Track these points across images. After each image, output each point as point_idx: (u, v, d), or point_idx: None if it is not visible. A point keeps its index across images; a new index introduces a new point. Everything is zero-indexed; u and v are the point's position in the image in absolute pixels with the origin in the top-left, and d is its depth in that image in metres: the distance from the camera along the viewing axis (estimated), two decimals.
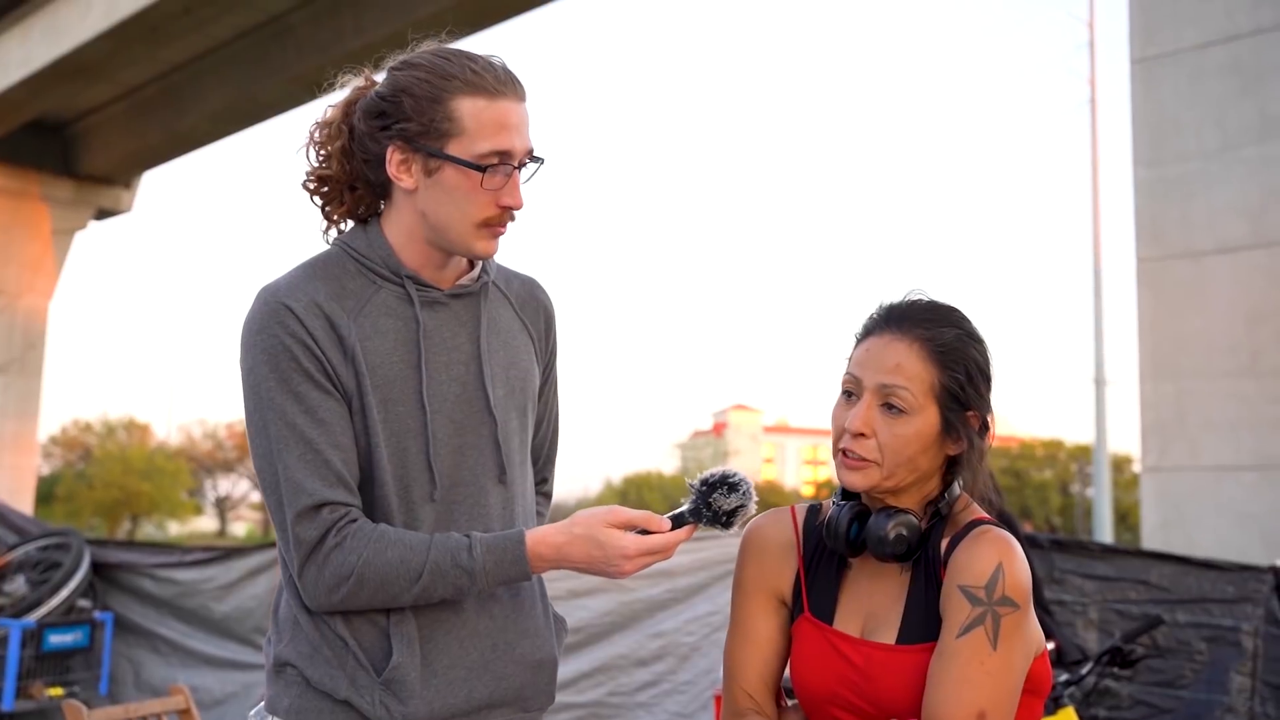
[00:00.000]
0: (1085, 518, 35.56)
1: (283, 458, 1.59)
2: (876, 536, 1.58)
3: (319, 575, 1.58)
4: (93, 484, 39.61)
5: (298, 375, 1.59)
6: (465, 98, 1.63)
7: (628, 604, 5.40)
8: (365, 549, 1.57)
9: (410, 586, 1.58)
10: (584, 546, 1.60)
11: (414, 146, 1.64)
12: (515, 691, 1.71)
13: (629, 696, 5.26)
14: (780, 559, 1.70)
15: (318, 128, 1.75)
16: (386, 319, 1.66)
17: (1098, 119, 18.62)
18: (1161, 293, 8.49)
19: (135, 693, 5.90)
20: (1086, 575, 4.52)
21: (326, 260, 1.71)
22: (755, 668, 1.68)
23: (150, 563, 6.31)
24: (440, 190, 1.65)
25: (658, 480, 52.88)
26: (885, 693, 1.55)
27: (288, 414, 1.59)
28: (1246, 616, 4.32)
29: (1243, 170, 8.19)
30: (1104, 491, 17.62)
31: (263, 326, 1.62)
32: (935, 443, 1.59)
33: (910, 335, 1.60)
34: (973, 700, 1.48)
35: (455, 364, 1.70)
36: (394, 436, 1.64)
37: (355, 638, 1.62)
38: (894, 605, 1.61)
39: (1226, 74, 8.31)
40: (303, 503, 1.57)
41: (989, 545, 1.54)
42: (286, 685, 1.66)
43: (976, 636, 1.50)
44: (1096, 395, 17.43)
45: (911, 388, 1.58)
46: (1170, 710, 4.33)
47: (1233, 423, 8.04)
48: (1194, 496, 8.11)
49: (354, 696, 1.61)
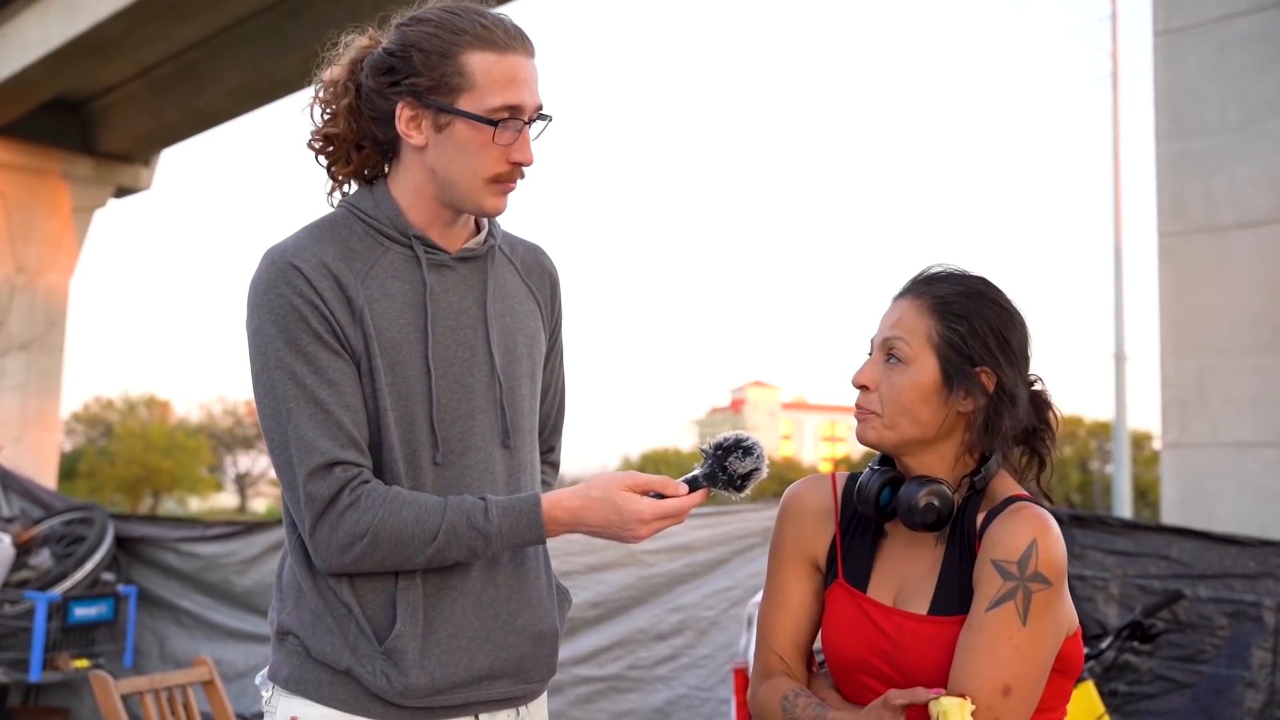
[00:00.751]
0: (1105, 495, 35.45)
1: (293, 417, 1.57)
2: (907, 504, 1.59)
3: (332, 534, 1.56)
4: (114, 460, 39.89)
5: (306, 336, 1.58)
6: (475, 52, 1.62)
7: (646, 578, 5.42)
8: (380, 509, 1.56)
9: (424, 548, 1.56)
10: (600, 510, 1.59)
11: (424, 102, 1.63)
12: (515, 662, 1.69)
13: (648, 670, 5.29)
14: (817, 525, 1.71)
15: (323, 86, 1.72)
16: (393, 281, 1.65)
17: (1119, 93, 18.43)
18: (1183, 268, 8.42)
19: (160, 665, 5.96)
20: (1107, 550, 4.51)
21: (333, 221, 1.69)
22: (788, 631, 1.70)
23: (173, 537, 6.36)
24: (450, 146, 1.63)
25: (675, 457, 52.96)
26: (915, 663, 1.56)
27: (297, 374, 1.57)
28: (1268, 592, 4.30)
29: (1266, 144, 8.10)
30: (1123, 468, 17.56)
31: (270, 286, 1.60)
32: (935, 394, 1.60)
33: (913, 294, 1.66)
34: (998, 674, 1.48)
35: (462, 328, 1.68)
36: (401, 400, 1.63)
37: (360, 605, 1.61)
38: (927, 576, 1.61)
39: (1251, 46, 8.21)
40: (315, 460, 1.55)
41: (1024, 521, 1.55)
42: (287, 655, 1.66)
43: (1006, 611, 1.50)
44: (1116, 371, 17.35)
45: (908, 337, 1.62)
46: (1190, 685, 4.33)
47: (1254, 398, 7.98)
48: (1214, 472, 8.07)
49: (355, 666, 1.60)
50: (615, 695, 5.29)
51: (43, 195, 20.04)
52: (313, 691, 1.63)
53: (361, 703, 1.61)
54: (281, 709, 1.66)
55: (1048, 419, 1.69)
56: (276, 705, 1.67)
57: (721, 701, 5.03)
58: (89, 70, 17.55)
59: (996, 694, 1.47)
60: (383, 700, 1.61)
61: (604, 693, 5.29)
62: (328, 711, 1.62)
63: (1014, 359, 1.62)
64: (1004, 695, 1.48)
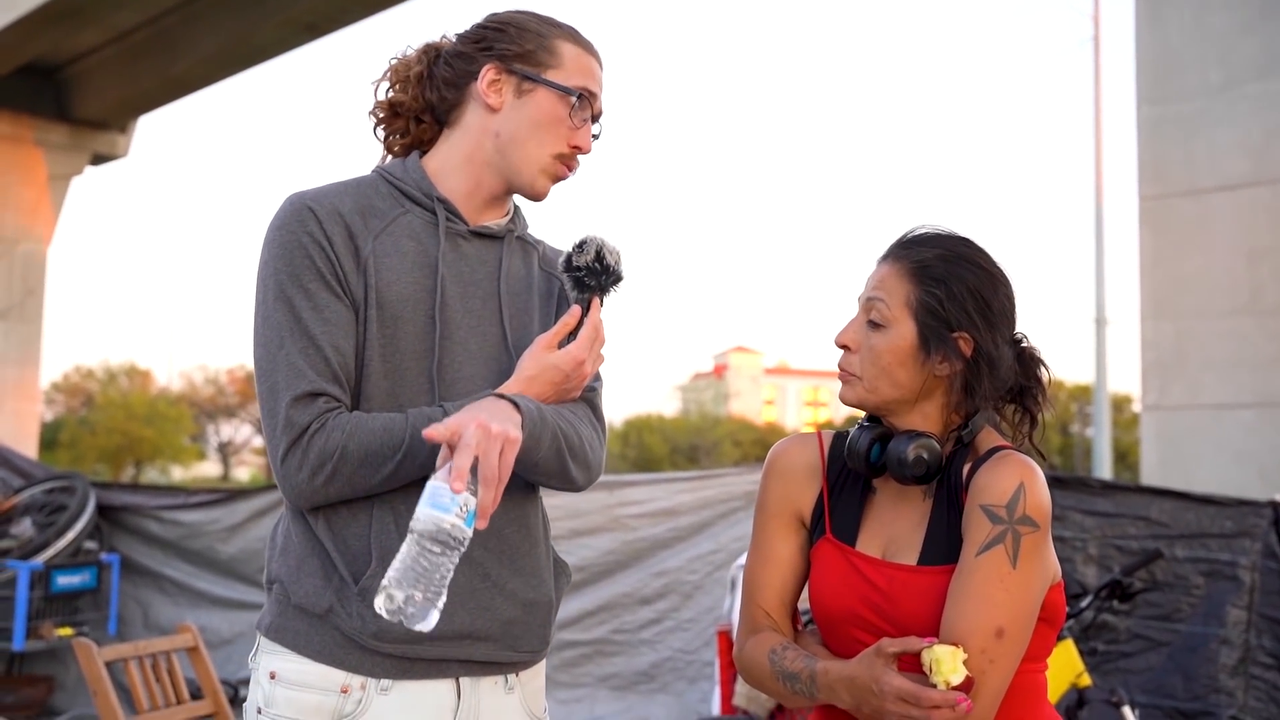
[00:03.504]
0: (1085, 457, 35.72)
1: (285, 346, 1.61)
2: (896, 458, 1.61)
3: (303, 459, 1.58)
4: (95, 430, 39.75)
5: (309, 273, 1.63)
6: (566, 41, 1.77)
7: (630, 543, 5.45)
8: (348, 424, 1.60)
9: (393, 455, 1.58)
10: (545, 377, 1.66)
11: (510, 68, 1.73)
12: (502, 626, 1.68)
13: (633, 634, 5.33)
14: (804, 481, 1.73)
15: (394, 63, 1.81)
16: (408, 241, 1.70)
17: (1100, 57, 18.41)
18: (1163, 231, 8.45)
19: (144, 632, 5.97)
20: (1087, 511, 4.55)
21: (361, 180, 1.76)
22: (774, 587, 1.71)
23: (155, 505, 6.35)
24: (526, 113, 1.73)
25: (658, 422, 53.06)
26: (906, 614, 1.57)
27: (295, 307, 1.62)
28: (1244, 551, 4.35)
29: (1246, 107, 8.12)
30: (1104, 431, 17.68)
31: (283, 224, 1.66)
32: (912, 357, 1.62)
33: (893, 257, 1.68)
34: (991, 617, 1.50)
35: (472, 297, 1.72)
36: (395, 354, 1.66)
37: (339, 549, 1.63)
38: (916, 528, 1.63)
39: (1231, 9, 8.20)
40: (302, 387, 1.59)
41: (1011, 467, 1.57)
42: (272, 603, 1.69)
43: (997, 554, 1.52)
44: (1097, 335, 17.41)
45: (888, 300, 1.64)
46: (1167, 643, 4.38)
47: (1232, 361, 8.04)
48: (1193, 435, 8.14)
49: (335, 604, 1.61)
50: (600, 659, 5.33)
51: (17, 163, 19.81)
52: (289, 639, 1.64)
53: (336, 653, 1.62)
54: (263, 664, 1.68)
55: (1037, 375, 1.71)
56: (259, 661, 1.69)
57: (706, 664, 5.07)
58: (62, 36, 17.31)
59: (990, 636, 1.49)
60: (360, 647, 1.61)
61: (589, 656, 5.32)
62: (304, 663, 1.63)
63: (994, 321, 1.63)
64: (997, 637, 1.49)
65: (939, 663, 1.46)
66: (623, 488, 5.60)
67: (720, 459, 44.76)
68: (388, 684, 1.62)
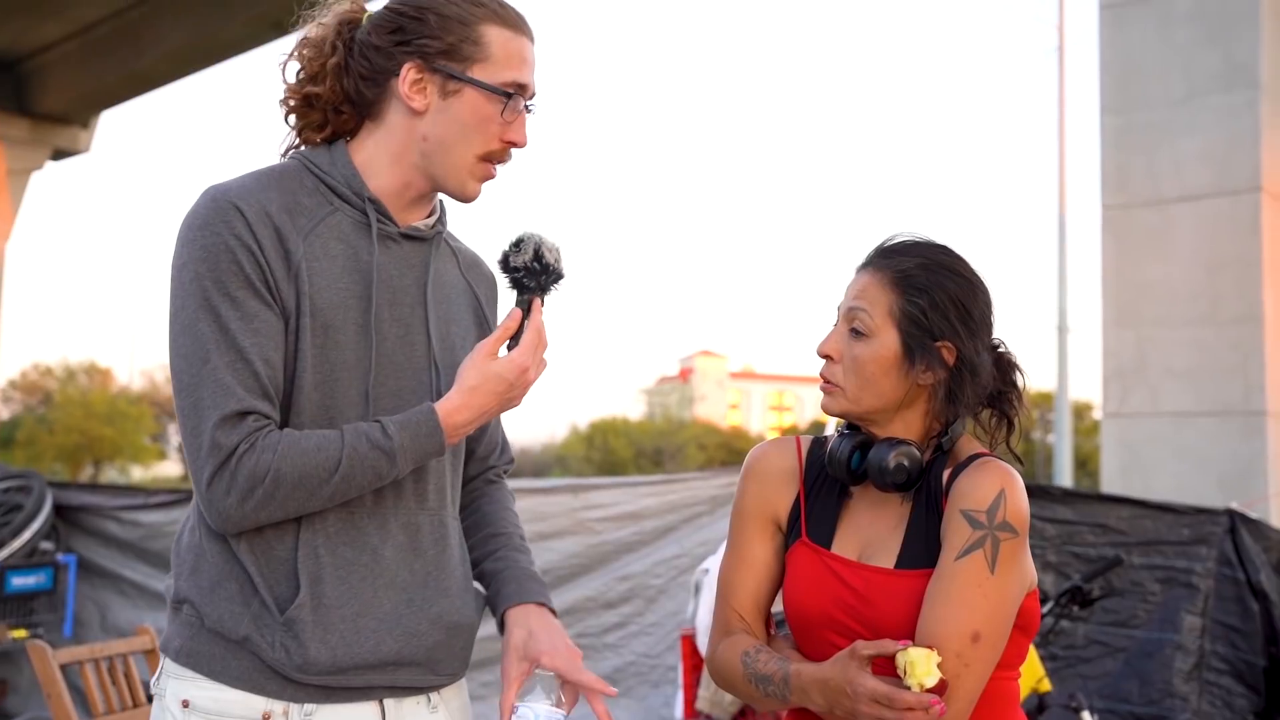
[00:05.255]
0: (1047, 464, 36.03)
1: (211, 360, 1.49)
2: (878, 466, 1.61)
3: (231, 483, 1.48)
4: (54, 429, 39.21)
5: (237, 280, 1.50)
6: (493, 25, 1.61)
7: (595, 546, 5.44)
8: (279, 445, 1.49)
9: (329, 477, 1.50)
10: (489, 386, 1.57)
11: (433, 66, 1.59)
12: (426, 652, 1.62)
13: (596, 638, 5.32)
14: (781, 485, 1.73)
15: (305, 45, 1.66)
16: (337, 243, 1.59)
17: (1065, 66, 18.59)
18: (1125, 240, 8.54)
19: (101, 635, 5.89)
20: (1047, 519, 4.59)
21: (284, 171, 1.62)
22: (749, 590, 1.71)
23: (114, 505, 6.27)
24: (453, 115, 1.60)
25: (624, 426, 53.03)
26: (882, 616, 1.57)
27: (221, 317, 1.49)
28: (1200, 558, 4.41)
29: (1207, 118, 8.23)
30: (1065, 438, 17.82)
31: (206, 223, 1.52)
32: (896, 367, 1.62)
33: (875, 266, 1.68)
34: (968, 621, 1.50)
35: (400, 304, 1.63)
36: (326, 365, 1.56)
37: (262, 573, 1.54)
38: (894, 532, 1.63)
39: (1193, 21, 8.31)
40: (230, 406, 1.48)
41: (992, 473, 1.58)
42: (181, 625, 1.58)
43: (975, 559, 1.52)
44: (1059, 342, 17.57)
45: (870, 310, 1.64)
46: (1123, 649, 4.43)
47: (1192, 369, 8.14)
48: (1153, 442, 8.23)
49: (254, 634, 1.52)
50: None
51: None
52: (204, 665, 1.55)
53: (256, 679, 1.54)
54: (172, 690, 1.58)
55: (1014, 380, 1.72)
56: (165, 687, 1.59)
57: (669, 668, 5.07)
58: (23, 29, 17.09)
59: (966, 640, 1.49)
60: (280, 676, 1.54)
61: None
62: (219, 689, 1.54)
63: (975, 329, 1.64)
64: (973, 642, 1.49)
65: (913, 665, 1.45)
66: (587, 491, 5.60)
67: (685, 462, 44.79)
68: (311, 708, 1.55)
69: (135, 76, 18.61)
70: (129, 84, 19.13)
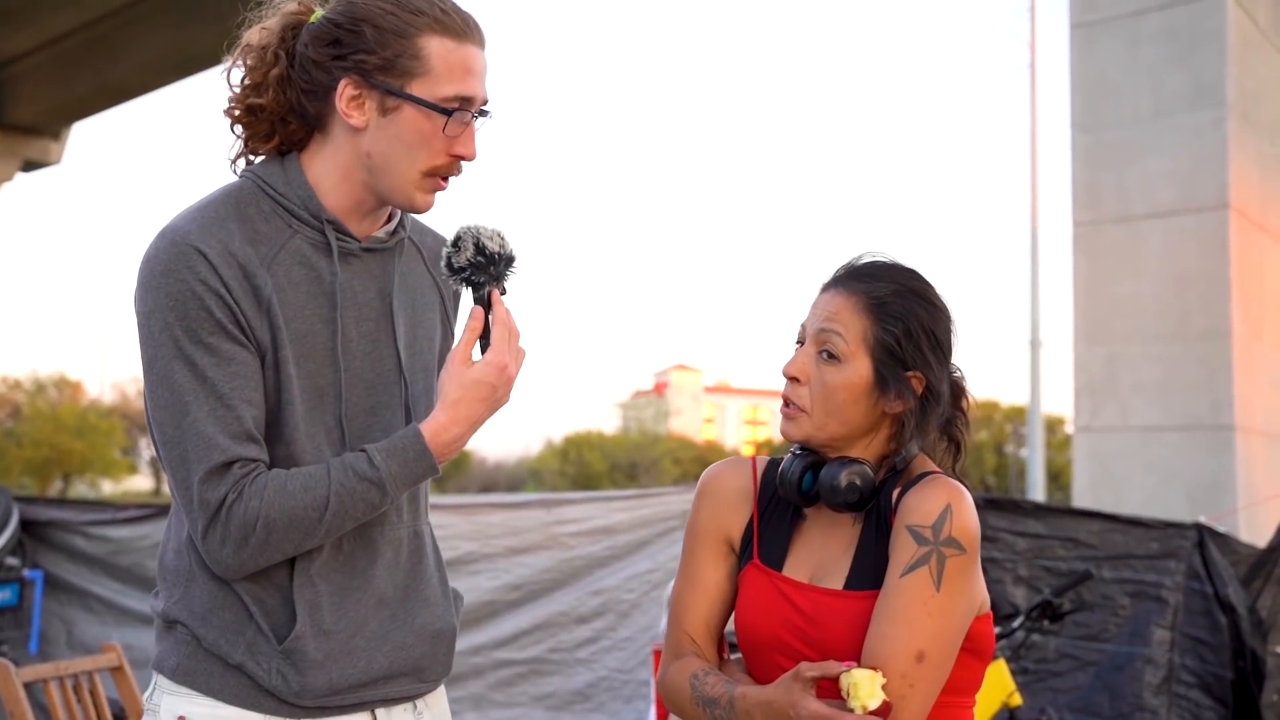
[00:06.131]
0: (1019, 478, 36.25)
1: (190, 411, 1.47)
2: (829, 485, 1.58)
3: (225, 534, 1.47)
4: (22, 442, 38.80)
5: (208, 325, 1.47)
6: (434, 36, 1.53)
7: (568, 561, 5.43)
8: (265, 490, 1.47)
9: (321, 516, 1.49)
10: (473, 397, 1.53)
11: (371, 82, 1.53)
12: (414, 662, 1.64)
13: (569, 653, 5.30)
14: (734, 506, 1.70)
15: (247, 51, 1.60)
16: (299, 268, 1.56)
17: (1037, 84, 18.78)
18: (1096, 257, 8.63)
19: (67, 652, 5.81)
20: (1019, 533, 4.62)
21: (238, 196, 1.57)
22: (700, 612, 1.69)
23: (82, 520, 6.21)
24: (394, 132, 1.54)
25: (599, 439, 52.98)
26: (830, 639, 1.56)
27: (197, 365, 1.47)
28: (1169, 572, 4.44)
29: (1175, 137, 8.33)
30: (1037, 452, 17.94)
31: (169, 269, 1.48)
32: (866, 395, 1.60)
33: (850, 289, 1.63)
34: (912, 640, 1.48)
35: (365, 320, 1.61)
36: (312, 392, 1.55)
37: (259, 602, 1.54)
38: (844, 553, 1.61)
39: (1161, 41, 8.42)
40: (214, 459, 1.46)
41: (939, 489, 1.55)
42: (176, 643, 1.57)
43: (920, 576, 1.50)
44: (1032, 357, 17.70)
45: (845, 335, 1.60)
46: (1094, 662, 4.46)
47: (1161, 384, 8.22)
48: (1123, 456, 8.30)
49: (249, 662, 1.53)
50: (536, 678, 5.29)
51: None
52: (202, 683, 1.55)
53: (254, 698, 1.54)
54: (167, 706, 1.57)
55: (962, 405, 1.71)
56: (160, 703, 1.58)
57: (642, 683, 5.06)
58: None
59: (910, 659, 1.47)
60: (276, 698, 1.54)
61: (525, 675, 5.29)
62: (217, 706, 1.54)
63: (942, 359, 1.63)
64: (917, 661, 1.47)
65: (856, 687, 1.44)
66: (561, 505, 5.59)
67: (660, 477, 44.76)
68: None
69: (107, 88, 18.50)
70: (101, 95, 19.01)
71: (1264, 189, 8.76)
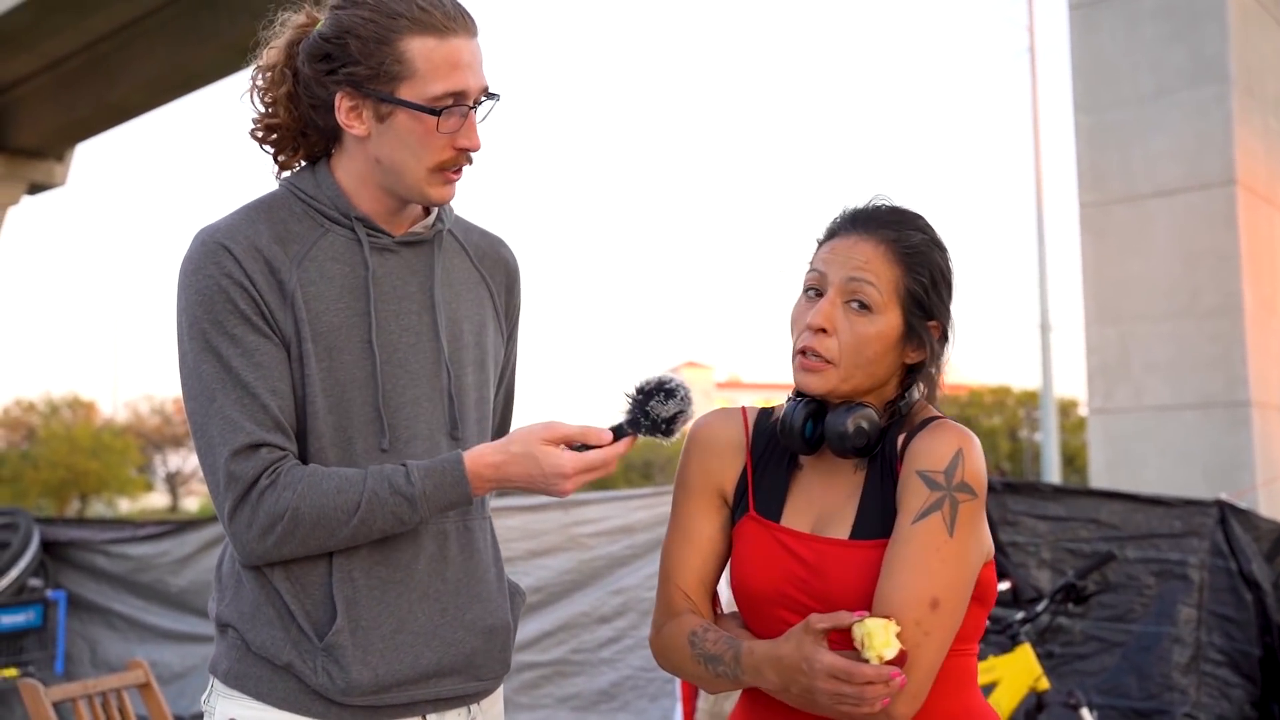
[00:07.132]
0: (1034, 462, 36.17)
1: (217, 399, 1.51)
2: (836, 431, 1.52)
3: (252, 517, 1.50)
4: (38, 464, 38.92)
5: (234, 318, 1.52)
6: (414, 37, 1.55)
7: (588, 562, 5.43)
8: (299, 484, 1.50)
9: (348, 520, 1.50)
10: (523, 465, 1.53)
11: (363, 92, 1.56)
12: (466, 659, 1.63)
13: (592, 654, 5.30)
14: (727, 457, 1.64)
15: (260, 73, 1.65)
16: (333, 264, 1.59)
17: (1037, 66, 18.73)
18: (1103, 237, 8.61)
19: (92, 670, 5.84)
20: (1039, 516, 4.60)
21: (271, 201, 1.63)
22: (694, 568, 1.62)
23: (102, 539, 6.24)
24: (393, 136, 1.57)
25: None
26: (837, 590, 1.50)
27: (223, 356, 1.52)
28: (1193, 550, 4.43)
29: (1177, 114, 8.30)
30: (1051, 435, 17.89)
31: (198, 267, 1.54)
32: (895, 347, 1.54)
33: (877, 236, 1.56)
34: (926, 587, 1.43)
35: (406, 313, 1.63)
36: (336, 387, 1.57)
37: (298, 599, 1.55)
38: (848, 502, 1.55)
39: (1160, 18, 8.40)
40: (240, 440, 1.50)
41: (949, 434, 1.51)
42: (228, 648, 1.60)
43: (933, 522, 1.45)
44: (1042, 341, 17.65)
45: (879, 284, 1.53)
46: (1121, 644, 4.44)
47: (1173, 363, 8.20)
48: (1139, 437, 8.28)
49: (296, 661, 1.54)
50: (560, 680, 5.29)
51: None
52: (251, 687, 1.57)
53: (303, 701, 1.56)
54: (220, 709, 1.60)
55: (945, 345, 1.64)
56: (215, 705, 1.61)
57: (667, 681, 5.05)
58: None
59: (924, 607, 1.42)
60: (325, 699, 1.55)
61: (549, 678, 5.29)
62: (267, 710, 1.56)
63: (951, 305, 1.60)
64: (932, 608, 1.42)
65: (871, 636, 1.39)
66: (578, 506, 5.59)
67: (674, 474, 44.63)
68: None
69: (108, 108, 18.57)
70: (102, 116, 19.09)
71: (1270, 163, 8.73)
